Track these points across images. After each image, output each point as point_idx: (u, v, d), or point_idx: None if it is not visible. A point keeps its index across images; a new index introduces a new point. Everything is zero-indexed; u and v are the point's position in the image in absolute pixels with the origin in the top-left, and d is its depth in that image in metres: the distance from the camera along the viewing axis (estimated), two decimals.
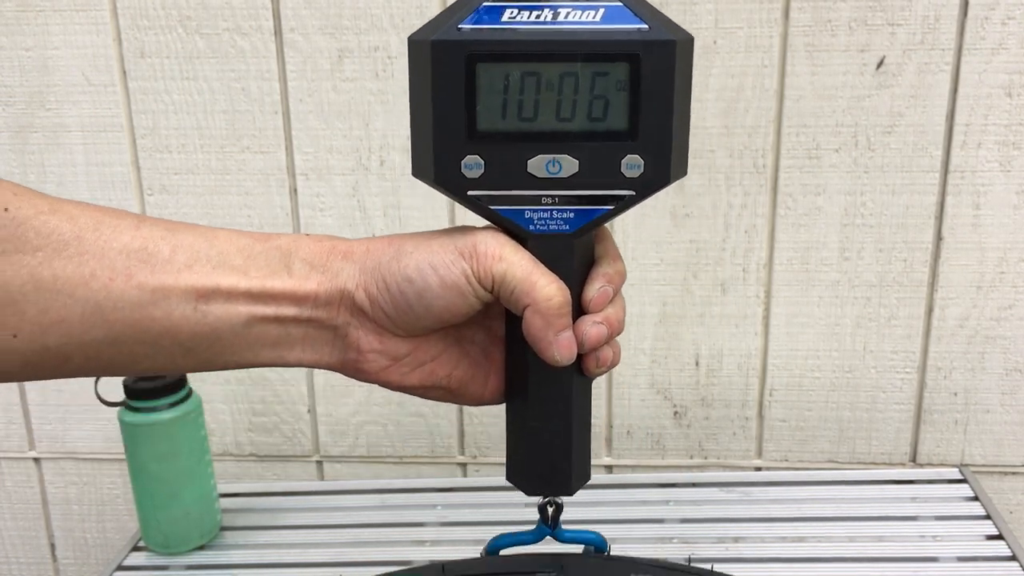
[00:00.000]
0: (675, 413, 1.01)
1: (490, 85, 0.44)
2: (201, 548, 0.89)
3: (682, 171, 0.47)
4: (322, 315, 0.46)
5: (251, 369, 1.02)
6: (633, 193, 0.45)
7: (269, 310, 0.45)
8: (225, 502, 0.93)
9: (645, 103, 0.44)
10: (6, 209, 0.42)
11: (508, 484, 0.53)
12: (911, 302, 0.95)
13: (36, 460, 1.09)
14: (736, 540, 0.86)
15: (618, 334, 0.48)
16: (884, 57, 0.89)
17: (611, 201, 0.45)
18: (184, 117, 0.96)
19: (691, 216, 0.95)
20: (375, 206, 0.97)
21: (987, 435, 0.99)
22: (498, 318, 0.49)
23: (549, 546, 0.57)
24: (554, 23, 0.43)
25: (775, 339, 0.98)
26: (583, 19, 0.43)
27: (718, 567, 0.82)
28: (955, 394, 0.98)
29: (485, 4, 0.43)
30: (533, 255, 0.45)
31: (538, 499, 0.54)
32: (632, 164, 0.45)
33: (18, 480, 1.10)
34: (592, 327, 0.46)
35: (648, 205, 0.94)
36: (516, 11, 0.43)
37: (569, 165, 0.45)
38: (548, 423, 0.48)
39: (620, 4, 0.43)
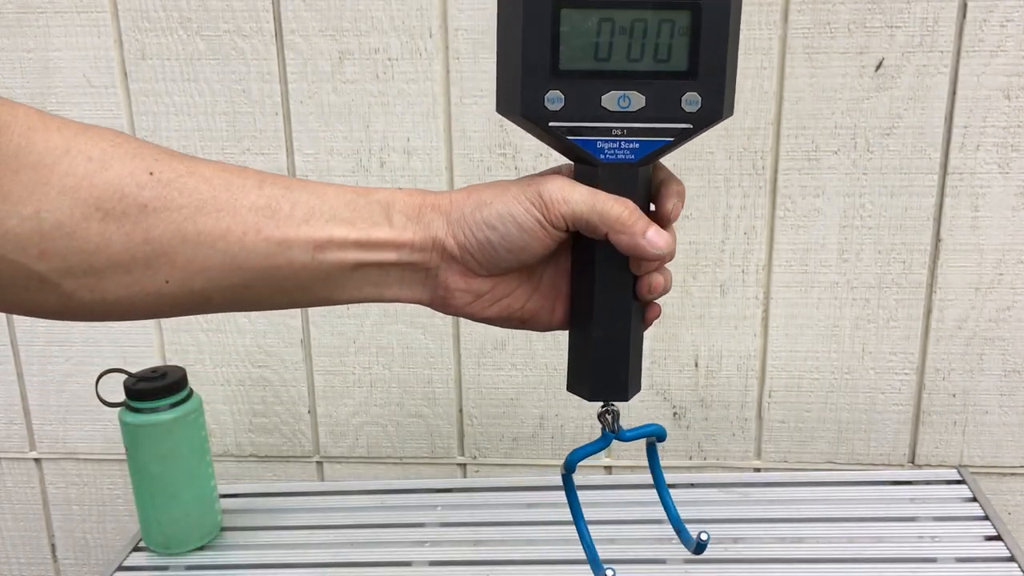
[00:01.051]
0: (674, 414, 1.02)
1: (572, 28, 0.51)
2: (201, 549, 0.89)
3: (731, 110, 0.53)
4: (417, 259, 0.53)
5: (251, 371, 1.03)
6: (691, 127, 0.52)
7: (374, 256, 0.53)
8: (225, 502, 0.93)
9: (703, 47, 0.51)
10: (151, 173, 0.49)
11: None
12: (910, 303, 0.96)
13: (37, 460, 1.09)
14: (735, 541, 0.86)
15: (671, 259, 0.54)
16: (883, 59, 0.89)
17: (672, 133, 0.52)
18: (185, 119, 0.96)
19: (690, 218, 0.95)
20: None
21: (985, 436, 0.99)
22: (564, 255, 0.56)
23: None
24: None
25: (774, 340, 0.98)
26: None
27: (717, 568, 0.83)
28: (954, 395, 0.98)
29: None
30: (602, 181, 0.52)
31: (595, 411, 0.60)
32: (691, 100, 0.52)
33: (19, 480, 1.10)
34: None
35: None
36: None
37: (637, 100, 0.51)
38: (609, 336, 0.56)
39: None
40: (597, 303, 0.55)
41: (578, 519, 0.64)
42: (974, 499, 0.91)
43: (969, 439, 0.99)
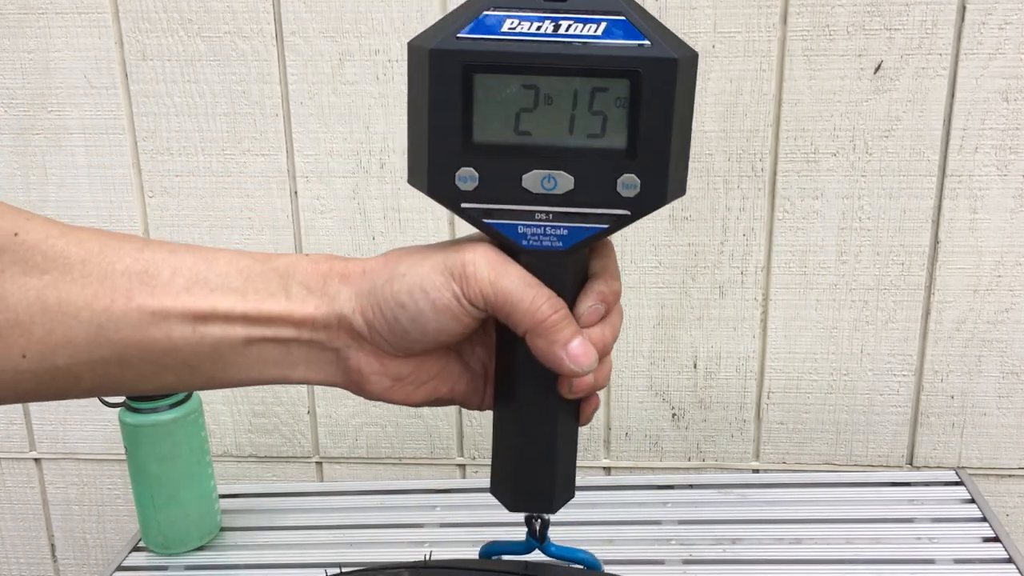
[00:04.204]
0: (673, 415, 1.02)
1: (487, 96, 0.43)
2: (201, 549, 0.89)
3: (680, 191, 0.46)
4: (321, 337, 0.46)
5: None
6: (628, 213, 0.44)
7: (267, 332, 0.45)
8: (225, 503, 0.94)
9: (644, 121, 0.43)
10: (16, 234, 0.43)
11: None
12: (908, 305, 0.96)
13: (37, 460, 1.09)
14: (733, 542, 0.86)
15: (605, 355, 0.47)
16: (882, 61, 0.90)
17: (606, 220, 0.44)
18: (185, 120, 0.96)
19: (689, 219, 0.95)
20: (375, 209, 0.97)
21: (984, 437, 0.99)
22: (492, 329, 0.49)
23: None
24: (554, 36, 0.42)
25: (773, 342, 0.98)
26: (584, 32, 0.42)
27: (715, 569, 0.83)
28: (952, 397, 0.98)
29: (486, 12, 0.42)
30: (525, 269, 0.45)
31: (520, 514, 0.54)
32: (628, 183, 0.44)
33: (19, 480, 1.10)
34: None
35: None
36: (517, 21, 0.42)
37: (565, 181, 0.44)
38: (533, 439, 0.48)
39: (623, 18, 0.42)
40: (519, 402, 0.47)
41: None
42: (972, 500, 0.91)
43: (967, 441, 1.00)
